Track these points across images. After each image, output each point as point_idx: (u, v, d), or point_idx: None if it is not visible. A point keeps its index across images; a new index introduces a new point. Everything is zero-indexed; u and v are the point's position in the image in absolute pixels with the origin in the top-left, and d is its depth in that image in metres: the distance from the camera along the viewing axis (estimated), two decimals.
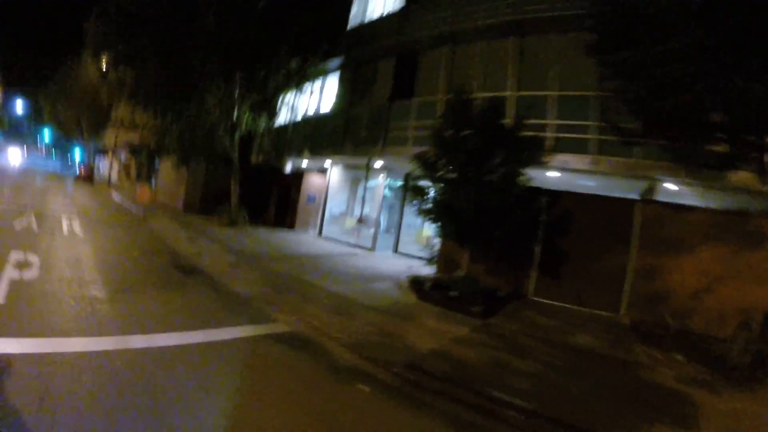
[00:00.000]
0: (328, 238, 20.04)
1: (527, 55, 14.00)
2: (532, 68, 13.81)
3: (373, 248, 18.25)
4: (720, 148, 8.21)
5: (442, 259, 12.66)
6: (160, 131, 18.05)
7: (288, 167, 22.87)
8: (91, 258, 8.70)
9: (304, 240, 18.33)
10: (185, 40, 14.36)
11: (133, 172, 32.56)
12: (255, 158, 23.86)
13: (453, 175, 10.37)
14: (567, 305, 10.39)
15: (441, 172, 10.73)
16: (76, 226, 12.13)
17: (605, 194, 13.10)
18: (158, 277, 8.40)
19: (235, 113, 17.86)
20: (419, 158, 11.10)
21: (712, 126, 7.77)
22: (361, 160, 17.88)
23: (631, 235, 10.19)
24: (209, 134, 18.34)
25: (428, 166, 10.89)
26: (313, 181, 20.56)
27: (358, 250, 17.78)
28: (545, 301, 10.81)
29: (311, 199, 20.46)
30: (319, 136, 19.93)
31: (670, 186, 11.97)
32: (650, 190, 12.67)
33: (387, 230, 27.26)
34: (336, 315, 7.36)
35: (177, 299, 7.16)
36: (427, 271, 13.32)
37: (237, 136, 18.55)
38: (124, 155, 33.18)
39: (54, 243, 9.60)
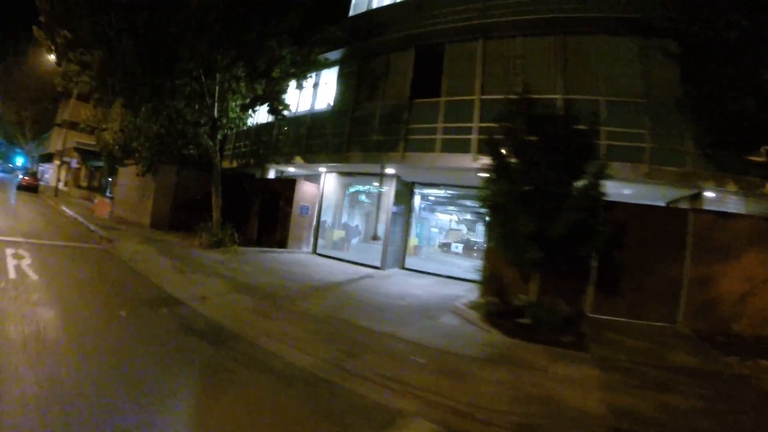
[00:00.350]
0: (325, 256, 17.01)
1: (572, 56, 12.07)
2: (578, 70, 11.93)
3: (383, 266, 15.52)
4: (761, 158, 8.69)
5: (489, 280, 10.42)
6: (130, 131, 14.08)
7: (271, 173, 19.49)
8: (59, 329, 5.19)
9: (304, 261, 15.17)
10: (169, 17, 10.81)
11: (84, 180, 27.41)
12: (227, 163, 20.28)
13: (527, 188, 8.33)
14: (625, 320, 9.48)
15: (505, 186, 8.57)
16: (27, 263, 8.12)
17: (656, 204, 11.82)
18: (176, 359, 5.11)
19: (216, 108, 14.35)
20: (494, 169, 8.85)
21: None
22: (370, 167, 15.06)
23: (685, 244, 9.59)
24: (182, 134, 14.74)
25: (502, 179, 8.69)
26: (304, 190, 17.39)
27: (369, 270, 14.99)
28: (604, 317, 9.60)
29: (304, 211, 17.29)
30: (314, 138, 16.77)
31: (710, 194, 11.28)
32: (695, 198, 11.65)
33: (365, 240, 24.53)
34: (448, 380, 5.22)
35: (231, 407, 3.99)
36: (457, 290, 11.99)
37: (220, 136, 15.06)
38: (75, 161, 27.69)
39: None
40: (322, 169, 17.00)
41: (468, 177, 13.93)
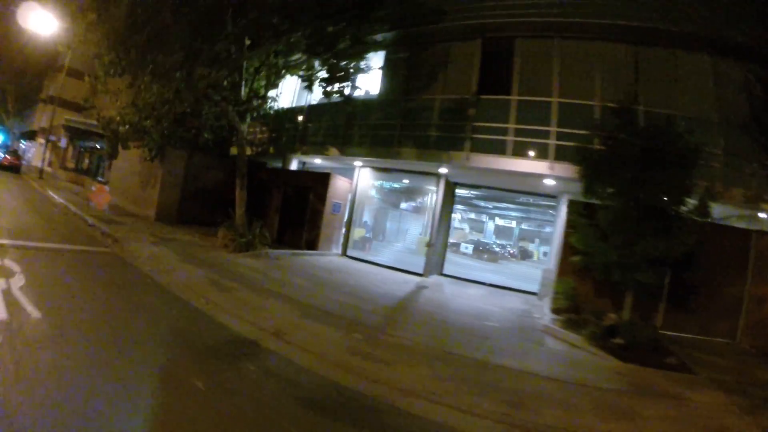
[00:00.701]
0: (357, 259, 14.44)
1: (645, 67, 10.67)
2: (651, 81, 10.55)
3: (426, 273, 13.13)
4: None
5: (569, 297, 9.28)
6: (144, 106, 10.81)
7: (293, 164, 16.59)
8: None
9: (344, 267, 12.53)
10: None
11: (71, 161, 23.31)
12: (237, 150, 17.17)
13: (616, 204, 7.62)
14: (691, 336, 8.98)
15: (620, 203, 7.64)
16: (19, 284, 4.98)
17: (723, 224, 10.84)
18: None
19: (245, 87, 11.48)
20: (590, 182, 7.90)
21: None
22: (422, 165, 12.57)
23: (747, 263, 9.11)
24: (198, 114, 11.76)
25: (603, 194, 7.87)
26: (338, 186, 14.67)
27: (415, 278, 12.65)
28: (673, 333, 8.91)
29: (336, 209, 14.59)
30: (353, 128, 14.04)
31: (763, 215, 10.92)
32: (747, 218, 11.26)
33: (376, 237, 22.08)
34: (623, 422, 4.37)
35: None
36: (515, 302, 10.93)
37: (248, 118, 12.14)
38: (64, 140, 23.29)
39: None
40: (357, 162, 14.30)
41: (520, 180, 12.10)
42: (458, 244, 27.27)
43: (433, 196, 13.41)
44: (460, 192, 15.98)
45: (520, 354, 6.37)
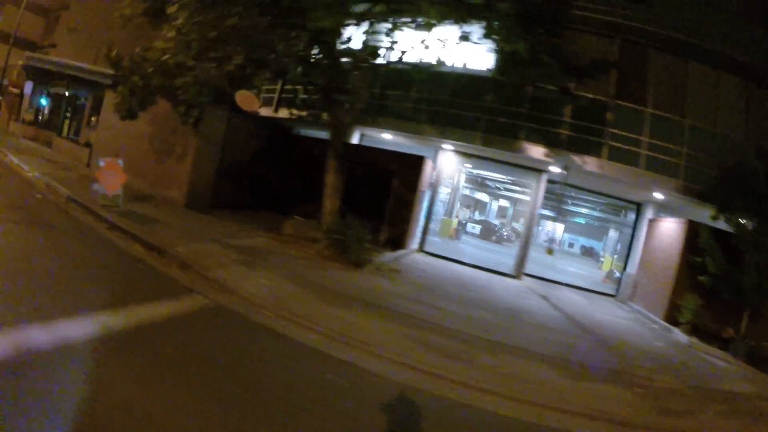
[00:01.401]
0: (436, 255, 11.33)
1: (755, 106, 9.89)
2: (761, 122, 9.83)
3: (518, 274, 10.31)
4: None
5: (691, 312, 8.51)
6: (230, 36, 5.64)
7: (355, 138, 12.09)
8: None
9: (447, 271, 9.64)
10: None
11: (29, 113, 15.73)
12: (267, 110, 12.38)
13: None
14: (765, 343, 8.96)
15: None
16: None
17: None
18: None
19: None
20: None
21: None
22: (526, 161, 9.60)
23: None
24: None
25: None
26: (427, 172, 10.79)
27: (515, 282, 10.79)
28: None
29: (422, 198, 10.85)
30: (460, 108, 10.19)
31: None
32: None
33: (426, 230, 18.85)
34: None
35: None
36: (610, 307, 10.23)
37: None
38: (29, 86, 15.33)
39: None
40: (447, 146, 10.66)
41: (627, 189, 10.95)
42: (465, 224, 24.34)
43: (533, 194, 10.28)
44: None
45: (722, 377, 6.09)
